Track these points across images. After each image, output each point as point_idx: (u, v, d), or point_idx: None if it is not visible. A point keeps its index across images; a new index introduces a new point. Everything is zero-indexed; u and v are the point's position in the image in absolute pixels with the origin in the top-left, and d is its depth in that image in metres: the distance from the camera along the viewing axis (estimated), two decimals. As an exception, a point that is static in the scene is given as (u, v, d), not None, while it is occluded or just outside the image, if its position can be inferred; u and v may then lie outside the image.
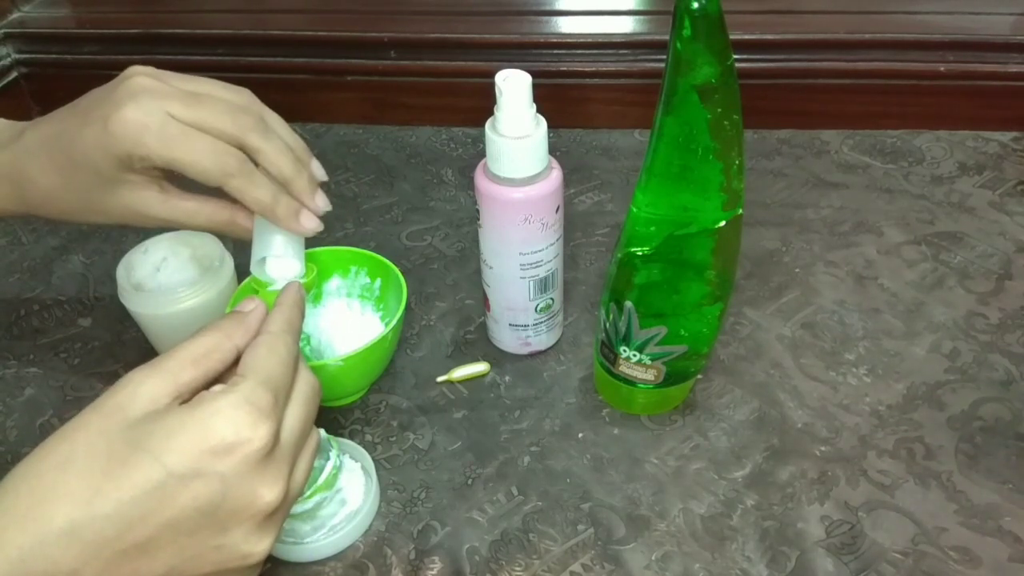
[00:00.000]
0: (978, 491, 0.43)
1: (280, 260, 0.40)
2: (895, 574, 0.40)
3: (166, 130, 0.36)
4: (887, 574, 0.40)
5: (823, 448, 0.46)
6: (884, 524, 0.42)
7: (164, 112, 0.36)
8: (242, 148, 0.38)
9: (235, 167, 0.37)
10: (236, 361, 0.31)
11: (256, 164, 0.38)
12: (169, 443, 0.27)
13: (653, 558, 0.41)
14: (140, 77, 0.38)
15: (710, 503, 0.43)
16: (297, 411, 0.31)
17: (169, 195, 0.40)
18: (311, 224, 0.39)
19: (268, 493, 0.29)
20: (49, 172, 0.39)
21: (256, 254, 0.39)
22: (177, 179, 0.39)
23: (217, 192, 0.38)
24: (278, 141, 0.38)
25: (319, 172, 0.41)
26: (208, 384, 0.30)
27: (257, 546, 0.29)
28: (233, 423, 0.28)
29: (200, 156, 0.37)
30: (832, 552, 0.41)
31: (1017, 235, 0.60)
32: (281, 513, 0.30)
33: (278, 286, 0.39)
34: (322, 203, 0.40)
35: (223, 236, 0.43)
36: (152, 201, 0.40)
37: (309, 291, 0.39)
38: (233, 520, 0.28)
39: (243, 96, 0.39)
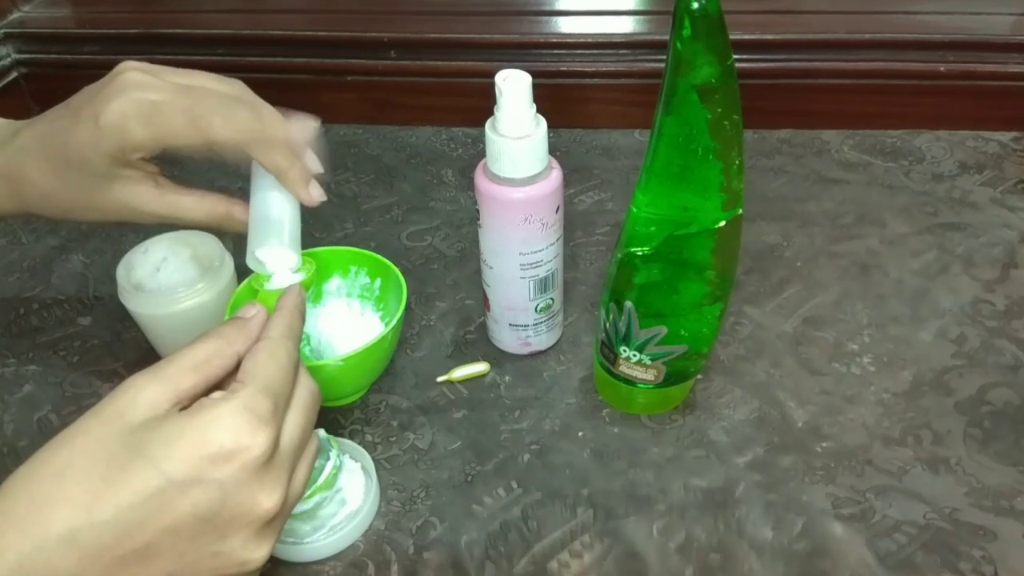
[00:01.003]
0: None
1: (277, 250, 0.39)
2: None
3: (142, 111, 0.36)
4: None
5: (825, 444, 0.46)
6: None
7: (151, 102, 0.36)
8: None
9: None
10: (237, 367, 0.31)
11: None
12: (168, 450, 0.27)
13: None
14: (131, 72, 0.38)
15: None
16: (297, 418, 0.31)
17: (165, 190, 0.40)
18: (317, 192, 0.40)
19: (267, 500, 0.28)
20: (45, 171, 0.39)
21: (252, 245, 0.39)
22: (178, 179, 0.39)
23: (204, 174, 0.38)
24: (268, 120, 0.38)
25: (313, 164, 0.41)
26: (208, 390, 0.30)
27: (255, 553, 0.29)
28: (232, 430, 0.28)
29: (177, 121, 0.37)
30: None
31: (1021, 226, 0.60)
32: (280, 520, 0.30)
33: (276, 281, 0.39)
34: (316, 194, 0.40)
35: (221, 231, 0.43)
36: (148, 196, 0.40)
37: (308, 288, 0.39)
38: (232, 527, 0.28)
39: (235, 87, 0.39)
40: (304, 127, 0.40)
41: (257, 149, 0.38)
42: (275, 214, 0.40)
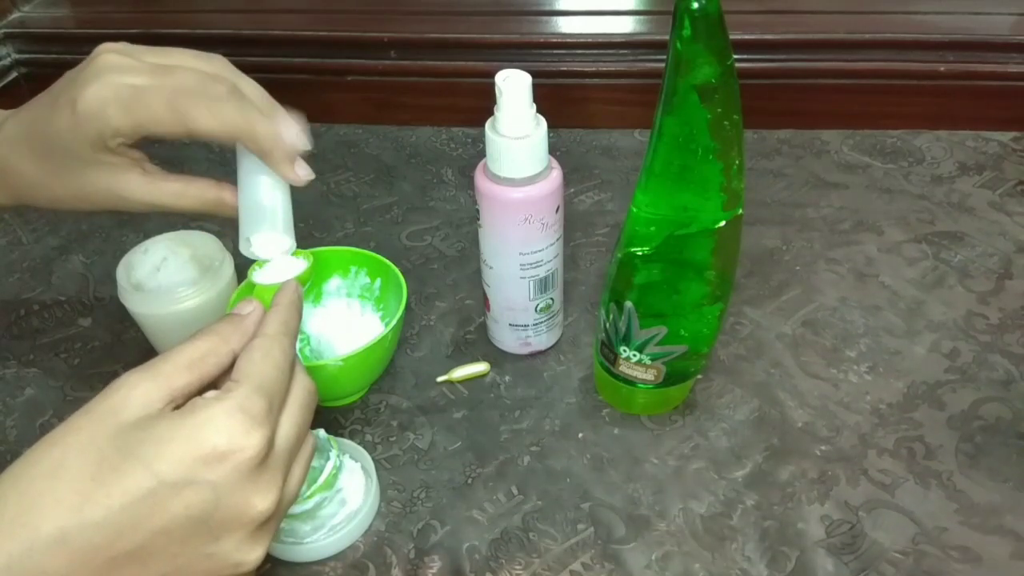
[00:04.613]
0: (978, 491, 0.43)
1: (270, 235, 0.38)
2: (895, 574, 0.40)
3: (121, 96, 0.35)
4: (887, 574, 0.40)
5: (823, 447, 0.46)
6: (884, 524, 0.42)
7: (130, 87, 0.36)
8: None
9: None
10: (232, 365, 0.30)
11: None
12: (161, 451, 0.27)
13: (653, 558, 0.41)
14: (108, 54, 0.37)
15: (710, 503, 0.43)
16: (292, 417, 0.31)
17: (152, 177, 0.39)
18: (303, 172, 0.38)
19: (261, 502, 0.28)
20: (29, 160, 0.39)
21: (244, 230, 0.38)
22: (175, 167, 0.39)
23: (203, 172, 0.38)
24: (252, 109, 0.37)
25: (300, 141, 0.39)
26: (203, 389, 0.30)
27: (249, 555, 0.29)
28: (226, 431, 0.27)
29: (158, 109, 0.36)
30: (832, 552, 0.41)
31: (1017, 235, 0.60)
32: (274, 521, 0.30)
33: (272, 270, 0.38)
34: (303, 173, 0.38)
35: (212, 217, 0.42)
36: (134, 184, 0.39)
37: (306, 283, 0.38)
38: (225, 529, 0.28)
39: (214, 63, 0.38)
40: (289, 116, 0.39)
41: (240, 134, 0.37)
42: (265, 198, 0.39)
